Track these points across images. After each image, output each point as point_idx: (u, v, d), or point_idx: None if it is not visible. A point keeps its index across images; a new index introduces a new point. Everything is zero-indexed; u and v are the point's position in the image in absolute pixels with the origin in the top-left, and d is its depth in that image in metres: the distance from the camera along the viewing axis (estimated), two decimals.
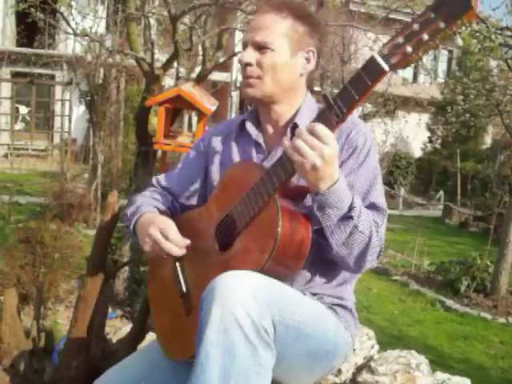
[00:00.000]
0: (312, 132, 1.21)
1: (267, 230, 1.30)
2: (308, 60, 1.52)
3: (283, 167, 1.29)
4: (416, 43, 1.14)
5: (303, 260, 1.34)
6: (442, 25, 1.11)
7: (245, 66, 1.48)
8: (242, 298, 1.18)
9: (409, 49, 1.14)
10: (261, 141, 1.56)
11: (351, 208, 1.31)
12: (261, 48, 1.47)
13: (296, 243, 1.31)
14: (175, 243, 1.44)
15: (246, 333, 1.16)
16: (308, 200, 1.40)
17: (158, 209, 1.61)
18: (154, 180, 1.75)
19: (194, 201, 1.68)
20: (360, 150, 1.45)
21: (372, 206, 1.42)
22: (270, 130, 1.57)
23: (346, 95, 1.20)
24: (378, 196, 1.46)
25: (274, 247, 1.27)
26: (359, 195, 1.40)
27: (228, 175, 1.53)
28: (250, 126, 1.58)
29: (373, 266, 1.42)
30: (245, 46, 1.51)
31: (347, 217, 1.31)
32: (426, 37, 1.13)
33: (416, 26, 1.14)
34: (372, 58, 1.18)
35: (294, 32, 1.48)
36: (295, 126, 1.45)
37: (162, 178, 1.74)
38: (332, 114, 1.21)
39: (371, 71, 1.17)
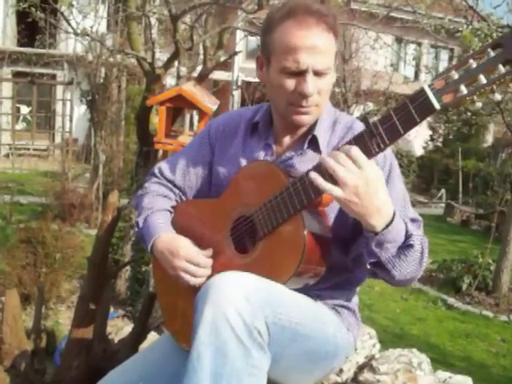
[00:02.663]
0: (348, 155, 1.17)
1: (292, 246, 1.29)
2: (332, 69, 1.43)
3: (314, 187, 1.24)
4: (471, 85, 1.05)
5: (323, 269, 1.35)
6: (501, 69, 1.03)
7: (307, 96, 1.37)
8: (235, 299, 1.17)
9: (463, 89, 1.06)
10: (272, 144, 1.51)
11: (408, 236, 1.28)
12: (319, 74, 1.37)
13: (318, 256, 1.32)
14: (205, 266, 1.44)
15: (238, 334, 1.15)
16: (331, 207, 1.39)
17: (169, 212, 1.60)
18: (156, 169, 1.69)
19: (194, 193, 1.64)
20: (381, 168, 1.31)
21: (412, 222, 1.38)
22: (287, 137, 1.50)
23: (390, 127, 1.15)
24: (411, 210, 1.43)
25: (298, 265, 1.28)
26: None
27: (247, 173, 1.46)
28: (262, 129, 1.53)
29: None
30: (301, 71, 1.35)
31: (406, 246, 1.28)
32: (482, 80, 1.04)
33: (473, 63, 1.06)
34: (422, 92, 1.10)
35: (336, 49, 1.40)
36: (313, 139, 1.45)
37: (165, 168, 1.67)
38: (373, 142, 1.17)
39: (421, 107, 1.11)
